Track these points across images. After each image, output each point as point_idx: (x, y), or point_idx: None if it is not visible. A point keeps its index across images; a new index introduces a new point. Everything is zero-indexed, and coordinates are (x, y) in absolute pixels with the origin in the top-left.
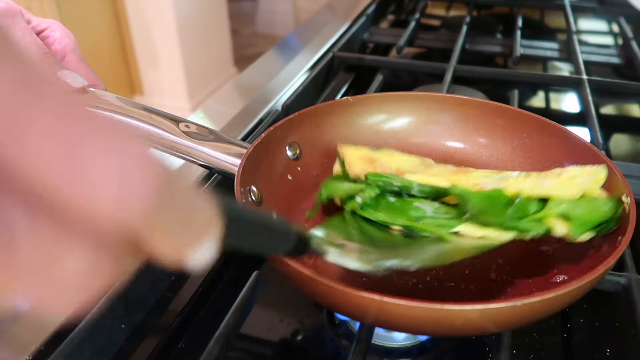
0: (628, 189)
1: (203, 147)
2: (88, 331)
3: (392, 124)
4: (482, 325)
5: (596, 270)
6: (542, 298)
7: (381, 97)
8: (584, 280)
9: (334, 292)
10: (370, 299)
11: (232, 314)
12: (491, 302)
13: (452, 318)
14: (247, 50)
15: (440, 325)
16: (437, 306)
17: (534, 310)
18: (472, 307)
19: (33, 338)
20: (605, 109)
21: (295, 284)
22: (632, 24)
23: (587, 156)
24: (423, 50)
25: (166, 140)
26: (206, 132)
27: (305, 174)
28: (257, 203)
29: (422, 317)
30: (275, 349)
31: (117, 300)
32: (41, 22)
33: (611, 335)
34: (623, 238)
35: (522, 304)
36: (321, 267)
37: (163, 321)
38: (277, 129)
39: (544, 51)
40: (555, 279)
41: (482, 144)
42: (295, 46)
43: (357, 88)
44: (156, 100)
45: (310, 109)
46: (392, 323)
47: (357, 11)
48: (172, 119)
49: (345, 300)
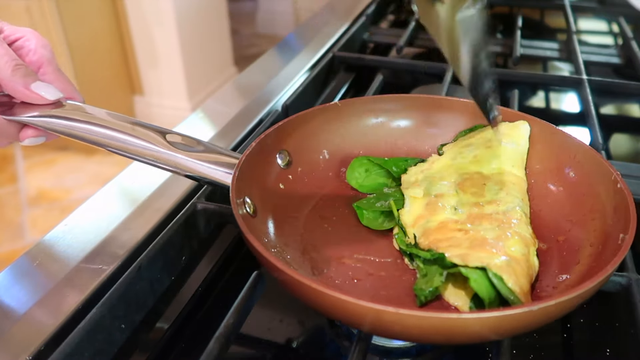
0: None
1: (192, 158)
2: (88, 331)
3: (386, 127)
4: (499, 331)
5: (604, 270)
6: (557, 301)
7: (371, 100)
8: (596, 280)
9: (332, 300)
10: (368, 308)
11: (232, 314)
12: (508, 309)
13: (468, 326)
14: (247, 50)
15: (455, 334)
16: (453, 315)
17: (548, 313)
18: (489, 315)
19: (33, 338)
20: (605, 109)
21: (293, 292)
22: (632, 24)
23: (589, 160)
24: (423, 50)
25: (152, 152)
26: (194, 143)
27: (297, 183)
28: (252, 215)
29: (432, 326)
30: (275, 349)
31: (117, 300)
32: (15, 32)
33: (611, 335)
34: (626, 236)
35: (537, 308)
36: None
37: (163, 321)
38: (267, 137)
39: (544, 51)
40: (559, 278)
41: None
42: (295, 46)
43: (357, 88)
44: (156, 100)
45: (299, 115)
46: (395, 332)
47: (357, 11)
48: (157, 130)
49: (344, 309)
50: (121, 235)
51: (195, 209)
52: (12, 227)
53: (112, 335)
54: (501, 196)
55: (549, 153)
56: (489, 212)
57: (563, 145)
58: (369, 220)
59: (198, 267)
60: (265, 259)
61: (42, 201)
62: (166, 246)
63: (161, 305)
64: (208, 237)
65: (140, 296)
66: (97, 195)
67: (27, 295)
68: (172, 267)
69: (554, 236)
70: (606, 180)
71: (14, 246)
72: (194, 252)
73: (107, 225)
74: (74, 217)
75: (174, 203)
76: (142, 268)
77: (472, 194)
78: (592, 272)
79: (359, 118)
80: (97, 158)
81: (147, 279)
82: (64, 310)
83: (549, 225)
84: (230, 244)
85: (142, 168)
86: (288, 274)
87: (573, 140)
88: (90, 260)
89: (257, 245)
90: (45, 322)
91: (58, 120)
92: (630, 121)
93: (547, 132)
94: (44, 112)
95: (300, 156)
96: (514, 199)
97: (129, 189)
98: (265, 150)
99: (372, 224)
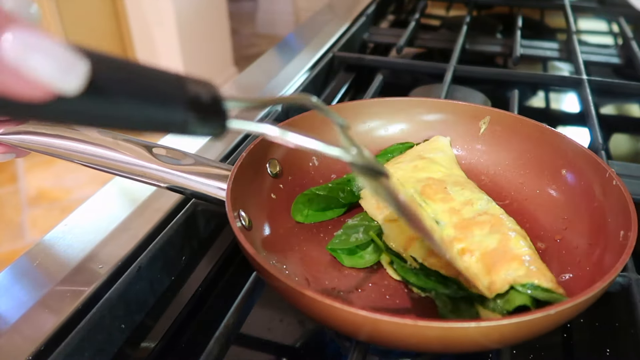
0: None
1: (180, 172)
2: (88, 331)
3: (379, 131)
4: (517, 336)
5: (614, 269)
6: (574, 303)
7: (361, 104)
8: (607, 280)
9: (327, 308)
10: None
11: (232, 314)
12: (527, 314)
13: (469, 335)
14: (247, 50)
15: (456, 343)
16: (452, 325)
17: (563, 316)
18: (489, 324)
19: (33, 338)
20: (605, 109)
21: (287, 299)
22: (632, 24)
23: (582, 159)
24: (423, 50)
25: (137, 167)
26: (181, 155)
27: (289, 192)
28: (248, 228)
29: (431, 336)
30: (275, 349)
31: (117, 300)
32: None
33: (611, 335)
34: (630, 233)
35: (555, 312)
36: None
37: (163, 321)
38: (257, 146)
39: (544, 51)
40: (562, 277)
41: (479, 149)
42: (295, 46)
43: (357, 88)
44: None
45: (288, 122)
46: (394, 342)
47: (357, 11)
48: (142, 145)
49: (339, 318)
50: (121, 235)
51: (195, 209)
52: (12, 227)
53: (112, 335)
54: (468, 195)
55: (540, 152)
56: (471, 216)
57: (555, 144)
58: (351, 261)
59: (198, 267)
60: (265, 270)
61: (42, 201)
62: (166, 246)
63: (161, 305)
64: (208, 237)
65: (140, 296)
66: (97, 195)
67: (27, 295)
68: (172, 267)
69: (551, 235)
70: (601, 178)
71: (14, 246)
72: (194, 252)
73: (107, 225)
74: (74, 217)
75: (174, 203)
76: (142, 268)
77: (440, 200)
78: (595, 270)
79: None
80: None
81: (147, 279)
82: (63, 310)
83: (545, 225)
84: (230, 244)
85: None
86: (286, 284)
87: (565, 139)
88: (90, 260)
89: (258, 259)
90: (45, 322)
91: (32, 137)
92: (630, 121)
93: (538, 131)
94: (15, 130)
95: (290, 165)
96: (480, 193)
97: (129, 189)
98: (255, 160)
99: (357, 263)
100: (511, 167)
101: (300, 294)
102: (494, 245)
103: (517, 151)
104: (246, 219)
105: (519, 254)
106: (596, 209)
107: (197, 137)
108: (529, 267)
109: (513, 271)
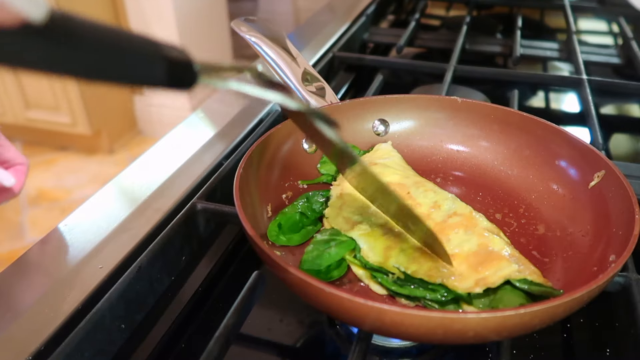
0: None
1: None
2: (88, 331)
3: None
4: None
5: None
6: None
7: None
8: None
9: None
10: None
11: (232, 314)
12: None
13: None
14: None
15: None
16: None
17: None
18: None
19: (33, 338)
20: (605, 109)
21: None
22: (632, 24)
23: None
24: (423, 50)
25: None
26: None
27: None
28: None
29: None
30: (275, 349)
31: (117, 300)
32: None
33: (611, 335)
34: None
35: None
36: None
37: (163, 321)
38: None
39: (544, 51)
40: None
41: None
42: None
43: (357, 88)
44: (156, 99)
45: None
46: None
47: (357, 11)
48: None
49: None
50: (121, 235)
51: (195, 209)
52: (12, 227)
53: (112, 335)
54: (432, 197)
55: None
56: (442, 220)
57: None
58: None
59: (198, 267)
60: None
61: (42, 201)
62: (166, 246)
63: (161, 305)
64: (208, 237)
65: (140, 296)
66: (97, 195)
67: (27, 295)
68: (172, 267)
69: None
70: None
71: (14, 246)
72: (194, 252)
73: (107, 225)
74: (74, 217)
75: (174, 203)
76: (142, 268)
77: None
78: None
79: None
80: (97, 158)
81: (147, 279)
82: (64, 310)
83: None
84: (230, 244)
85: (143, 168)
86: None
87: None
88: (90, 260)
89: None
90: (45, 322)
91: None
92: (630, 121)
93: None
94: None
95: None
96: (442, 192)
97: (129, 189)
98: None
99: (326, 279)
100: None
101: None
102: (475, 249)
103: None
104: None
105: (503, 255)
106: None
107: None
108: (517, 264)
109: (505, 268)
